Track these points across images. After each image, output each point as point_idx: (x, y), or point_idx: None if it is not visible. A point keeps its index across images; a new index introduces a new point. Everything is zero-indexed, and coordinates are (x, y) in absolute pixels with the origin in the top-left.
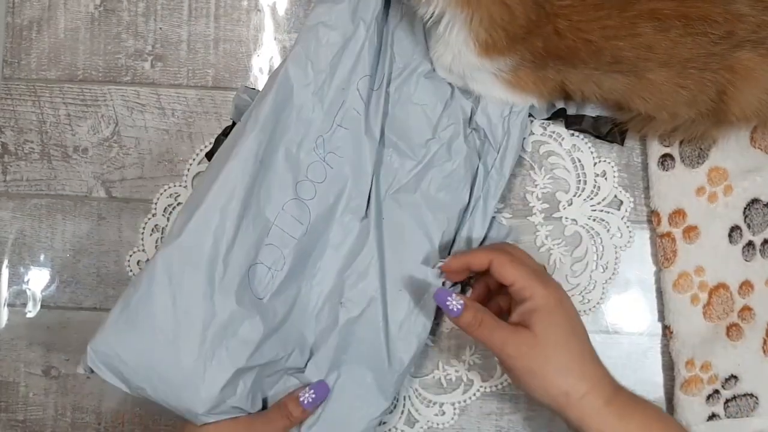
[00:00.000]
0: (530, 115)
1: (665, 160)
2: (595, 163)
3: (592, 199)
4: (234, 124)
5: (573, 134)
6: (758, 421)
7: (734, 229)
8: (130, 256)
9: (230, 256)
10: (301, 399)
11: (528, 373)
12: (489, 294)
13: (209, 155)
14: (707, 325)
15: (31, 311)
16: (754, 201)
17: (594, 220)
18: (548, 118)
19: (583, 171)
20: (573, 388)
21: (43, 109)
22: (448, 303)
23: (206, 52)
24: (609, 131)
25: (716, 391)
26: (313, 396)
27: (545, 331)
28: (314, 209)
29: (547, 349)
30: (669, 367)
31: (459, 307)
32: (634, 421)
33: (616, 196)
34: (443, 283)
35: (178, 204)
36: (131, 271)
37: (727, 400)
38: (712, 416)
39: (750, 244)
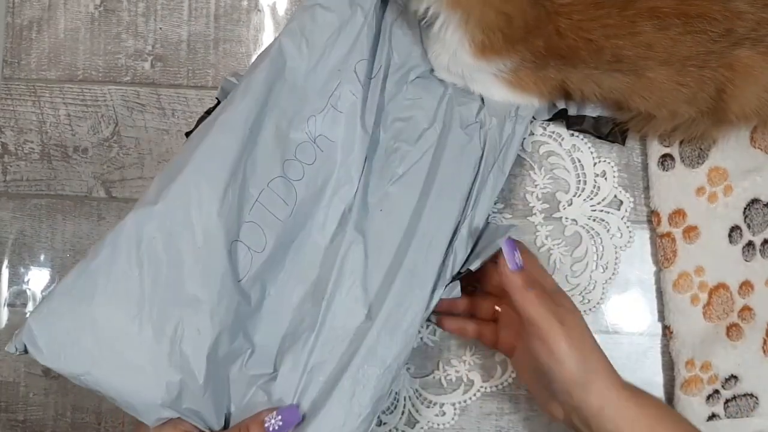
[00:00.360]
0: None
1: (665, 160)
2: (594, 163)
3: (591, 199)
4: (219, 104)
5: (573, 134)
6: (758, 421)
7: (734, 229)
8: None
9: (212, 228)
10: (267, 425)
11: (560, 349)
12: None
13: (189, 135)
14: (707, 325)
15: (32, 311)
16: (754, 201)
17: (594, 220)
18: (549, 119)
19: (583, 171)
20: (600, 368)
21: (43, 109)
22: (515, 254)
23: (206, 52)
24: (610, 131)
25: (716, 391)
26: (281, 423)
27: (570, 316)
28: (301, 191)
29: (580, 329)
30: (669, 367)
31: (521, 263)
32: (649, 407)
33: (615, 196)
34: (460, 277)
35: None
36: None
37: (727, 400)
38: (712, 416)
39: (750, 244)
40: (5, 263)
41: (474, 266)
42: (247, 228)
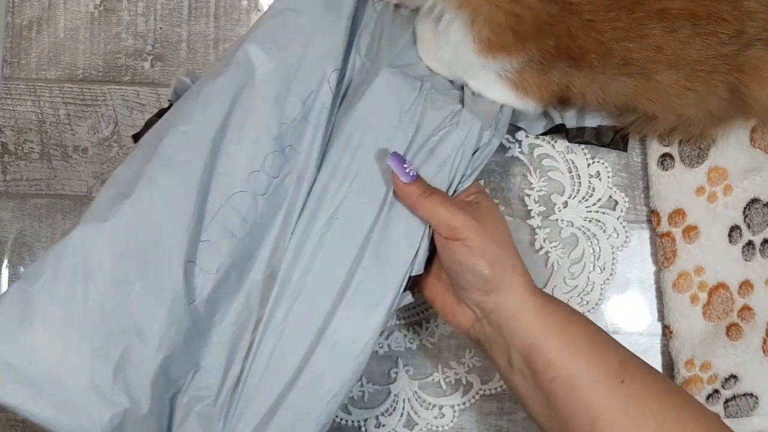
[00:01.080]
0: (523, 129)
1: (665, 159)
2: (588, 164)
3: (587, 200)
4: (170, 106)
5: None
6: (758, 421)
7: (734, 229)
8: None
9: (165, 249)
10: None
11: (479, 244)
12: None
13: (137, 137)
14: (707, 324)
15: None
16: (754, 201)
17: (590, 221)
18: (545, 133)
19: (578, 173)
20: (518, 264)
21: (43, 109)
22: (405, 166)
23: (206, 52)
24: (612, 139)
25: (716, 391)
26: None
27: (486, 214)
28: (262, 207)
29: (497, 226)
30: (669, 367)
31: (414, 173)
32: (561, 311)
33: (611, 197)
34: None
35: None
36: None
37: (727, 400)
38: None
39: (750, 243)
40: (5, 263)
41: (416, 270)
42: (203, 247)
